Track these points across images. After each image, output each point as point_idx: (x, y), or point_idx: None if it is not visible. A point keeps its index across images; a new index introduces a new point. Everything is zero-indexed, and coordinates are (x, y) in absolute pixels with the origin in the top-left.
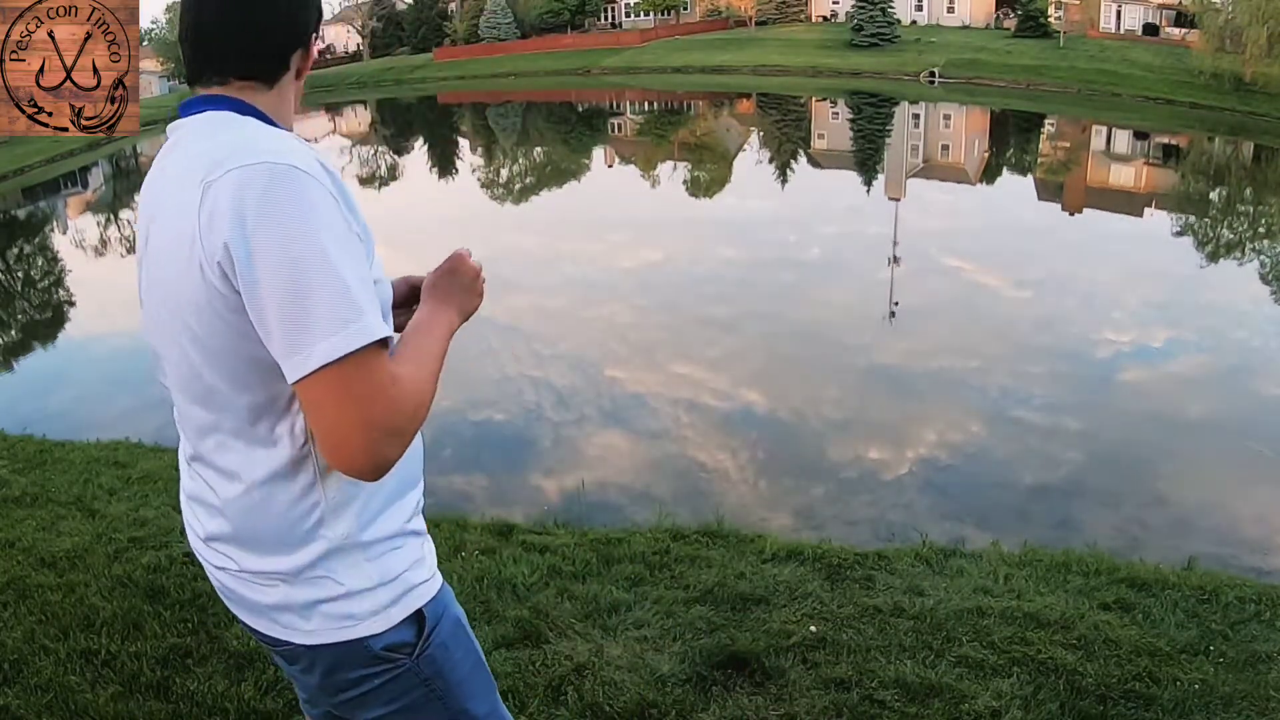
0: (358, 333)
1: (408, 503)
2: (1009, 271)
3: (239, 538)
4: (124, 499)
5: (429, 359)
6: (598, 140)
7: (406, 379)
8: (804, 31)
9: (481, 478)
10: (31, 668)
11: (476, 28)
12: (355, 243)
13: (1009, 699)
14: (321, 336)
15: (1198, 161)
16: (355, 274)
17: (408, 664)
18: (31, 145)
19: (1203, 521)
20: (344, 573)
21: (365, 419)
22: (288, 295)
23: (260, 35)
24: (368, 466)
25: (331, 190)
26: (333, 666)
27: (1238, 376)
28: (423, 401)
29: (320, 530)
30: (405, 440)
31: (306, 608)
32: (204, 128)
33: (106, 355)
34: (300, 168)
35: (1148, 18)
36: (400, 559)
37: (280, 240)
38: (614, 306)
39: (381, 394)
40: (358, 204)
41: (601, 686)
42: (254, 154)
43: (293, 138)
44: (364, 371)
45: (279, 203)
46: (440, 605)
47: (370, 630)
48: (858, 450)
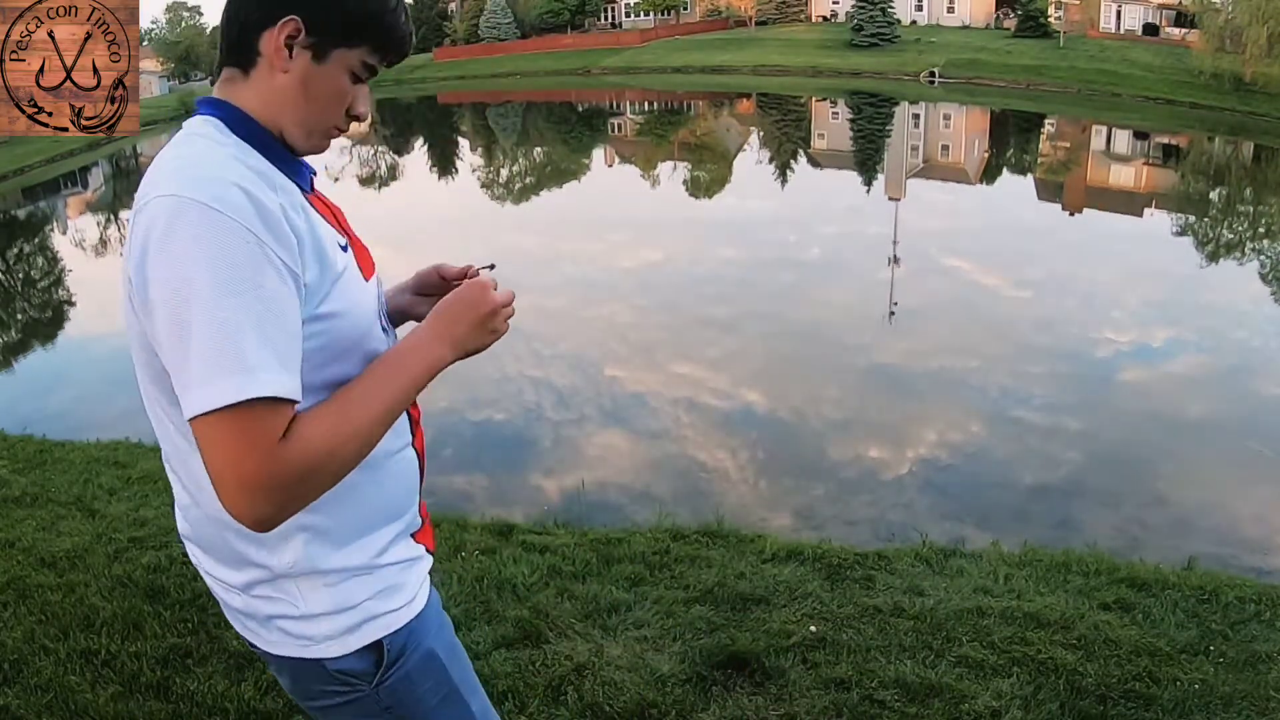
0: (229, 389)
1: (381, 536)
2: (1009, 271)
3: (201, 543)
4: (124, 499)
5: (370, 408)
6: (598, 140)
7: (312, 436)
8: (804, 31)
9: (481, 477)
10: (31, 668)
11: (476, 28)
12: (270, 285)
13: (1009, 699)
14: (197, 384)
15: (1198, 161)
16: (252, 321)
17: (366, 691)
18: (31, 145)
19: (1203, 521)
20: (299, 595)
21: (237, 476)
22: (172, 337)
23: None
24: (246, 521)
25: (250, 227)
26: (296, 676)
27: (1238, 376)
28: (331, 459)
29: (262, 555)
30: (294, 499)
31: (266, 620)
32: (175, 140)
33: (106, 355)
34: (207, 203)
35: (1148, 18)
36: (364, 587)
37: (168, 280)
38: (614, 306)
39: (256, 453)
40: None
41: (601, 686)
42: (172, 184)
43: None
44: (239, 428)
45: (174, 241)
46: (408, 636)
47: (325, 654)
48: (858, 450)
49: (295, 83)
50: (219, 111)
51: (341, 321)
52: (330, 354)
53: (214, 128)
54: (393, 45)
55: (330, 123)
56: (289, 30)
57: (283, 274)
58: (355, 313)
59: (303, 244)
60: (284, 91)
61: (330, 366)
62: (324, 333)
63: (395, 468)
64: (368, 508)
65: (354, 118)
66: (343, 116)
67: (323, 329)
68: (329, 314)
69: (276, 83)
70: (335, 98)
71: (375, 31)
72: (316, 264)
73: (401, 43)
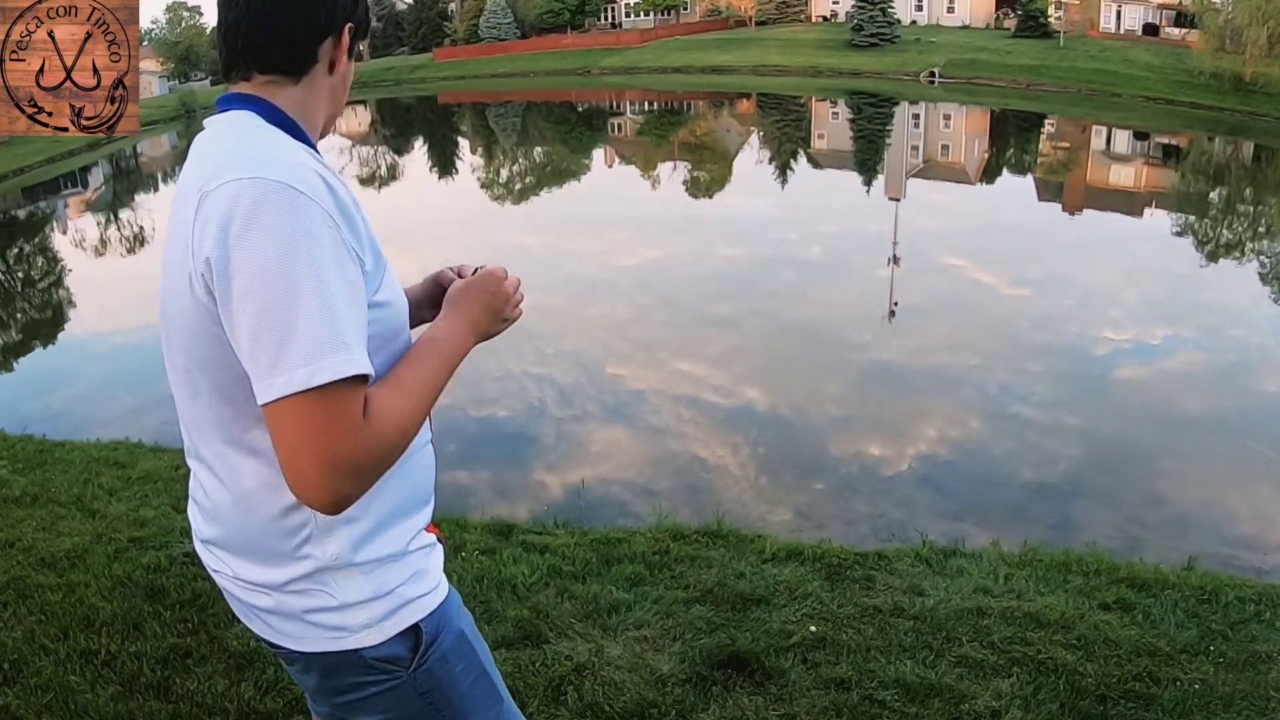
0: (329, 368)
1: (412, 524)
2: (1009, 271)
3: (230, 545)
4: (124, 499)
5: (423, 389)
6: (598, 140)
7: (386, 415)
8: (804, 31)
9: (483, 474)
10: (31, 668)
11: (476, 28)
12: (350, 268)
13: (1009, 699)
14: (287, 367)
15: (1198, 161)
16: (342, 301)
17: (404, 677)
18: (31, 145)
19: (1203, 521)
20: (336, 585)
21: (325, 456)
22: (259, 318)
23: (283, 25)
24: (324, 502)
25: (330, 211)
26: (328, 672)
27: (1238, 376)
28: (401, 438)
29: (308, 549)
30: (370, 478)
31: (299, 616)
32: (220, 131)
33: (106, 355)
34: (294, 186)
35: (1148, 18)
36: (397, 573)
37: (259, 261)
38: (615, 305)
39: (347, 432)
40: (364, 224)
41: (601, 686)
42: (249, 167)
43: (300, 150)
44: (330, 407)
45: (264, 221)
46: (440, 619)
47: (363, 643)
48: (858, 449)
49: (340, 81)
50: (255, 106)
51: (390, 310)
52: (380, 341)
53: (260, 120)
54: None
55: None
56: (348, 36)
57: (355, 260)
58: (399, 303)
59: (364, 232)
60: (329, 90)
61: (380, 352)
62: (378, 320)
63: (424, 458)
64: (402, 497)
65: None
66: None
67: (378, 316)
68: (382, 302)
69: (326, 84)
70: (349, 84)
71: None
72: (372, 254)
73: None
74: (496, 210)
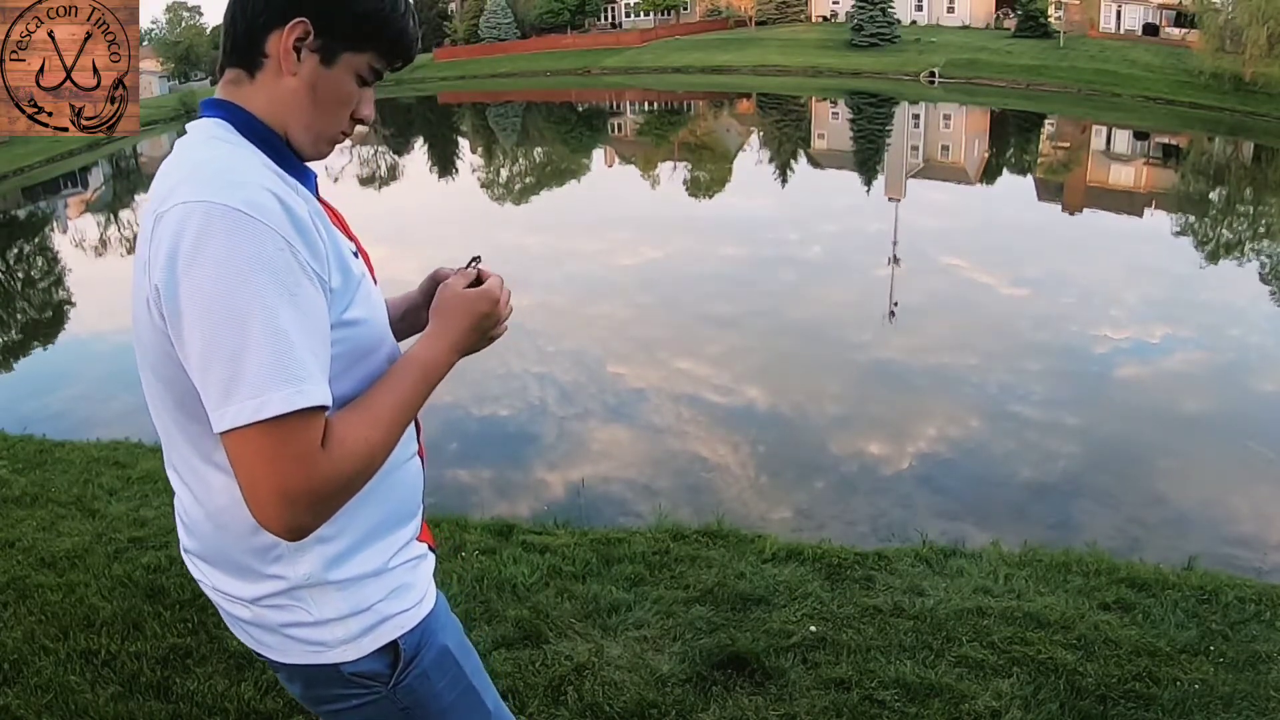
0: (278, 400)
1: (393, 541)
2: (1009, 271)
3: (208, 557)
4: (124, 499)
5: (394, 414)
6: (598, 140)
7: (349, 443)
8: (804, 31)
9: (483, 473)
10: (31, 668)
11: (476, 28)
12: (307, 292)
13: (1009, 699)
14: (237, 399)
15: (1198, 161)
16: (296, 329)
17: (384, 692)
18: (31, 145)
19: (1203, 521)
20: (312, 602)
21: (277, 488)
22: (207, 349)
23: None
24: (280, 532)
25: (284, 233)
26: (310, 683)
27: (1238, 376)
28: (366, 466)
29: (278, 568)
30: (331, 508)
31: (276, 629)
32: (189, 140)
33: (106, 355)
34: (241, 209)
35: (1148, 18)
36: (376, 589)
37: (205, 290)
38: (616, 304)
39: (299, 464)
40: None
41: (601, 686)
42: (201, 189)
43: (261, 167)
44: (282, 439)
45: (210, 249)
46: (422, 635)
47: (341, 658)
48: (858, 448)
49: (303, 86)
50: (227, 114)
51: (363, 329)
52: (350, 360)
53: (227, 130)
54: (400, 50)
55: (336, 128)
56: (298, 33)
57: (314, 281)
58: (374, 319)
59: (327, 251)
60: (291, 95)
61: (350, 372)
62: (346, 340)
63: (406, 474)
64: (381, 515)
65: (359, 121)
66: (348, 121)
67: (346, 335)
68: (352, 320)
69: (284, 86)
70: (342, 102)
71: (383, 35)
72: (339, 271)
73: (409, 48)
74: (496, 210)
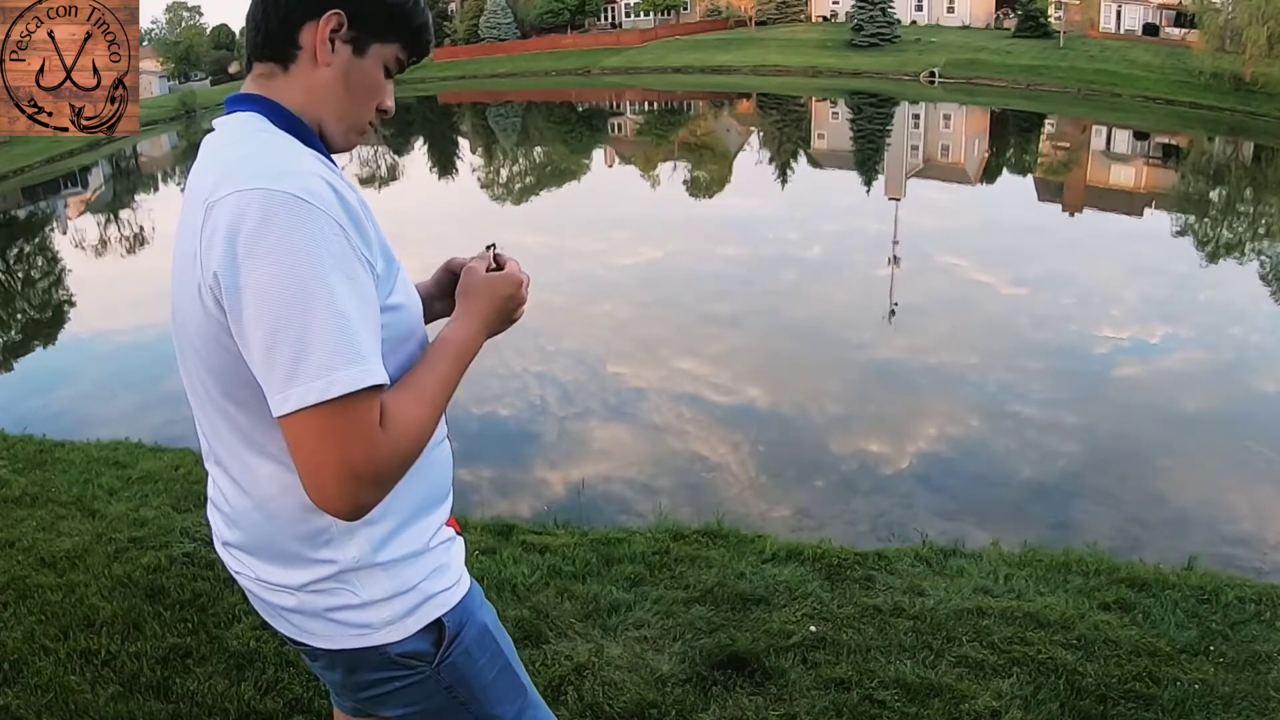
0: (344, 379)
1: (432, 521)
2: (1009, 271)
3: (251, 548)
4: (124, 499)
5: (438, 393)
6: (598, 140)
7: (403, 422)
8: (804, 31)
9: (484, 472)
10: (31, 668)
11: (476, 28)
12: (361, 276)
13: (1009, 699)
14: (302, 380)
15: (1198, 161)
16: (355, 311)
17: (428, 671)
18: (31, 145)
19: (1202, 521)
20: (359, 584)
21: (343, 467)
22: (272, 333)
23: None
24: (344, 512)
25: (339, 219)
26: (352, 668)
27: (1238, 375)
28: (417, 444)
29: (328, 552)
30: (389, 485)
31: (322, 614)
32: (227, 134)
33: (107, 355)
34: (301, 196)
35: (1148, 18)
36: (419, 569)
37: (268, 275)
38: (616, 303)
39: (364, 442)
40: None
41: (601, 686)
42: (255, 177)
43: (307, 156)
44: (347, 418)
45: (272, 235)
46: (463, 613)
47: (386, 639)
48: (858, 448)
49: (337, 76)
50: (262, 108)
51: (403, 313)
52: (394, 344)
53: (265, 123)
54: (422, 43)
55: (365, 117)
56: (333, 23)
57: (365, 266)
58: (412, 305)
59: (375, 237)
60: (326, 85)
61: (392, 356)
62: (391, 324)
63: (441, 454)
64: (421, 495)
65: (382, 113)
66: (374, 111)
67: (390, 320)
68: (395, 305)
69: (319, 76)
70: (372, 92)
71: (409, 26)
72: (384, 258)
73: (428, 42)
74: (497, 210)
